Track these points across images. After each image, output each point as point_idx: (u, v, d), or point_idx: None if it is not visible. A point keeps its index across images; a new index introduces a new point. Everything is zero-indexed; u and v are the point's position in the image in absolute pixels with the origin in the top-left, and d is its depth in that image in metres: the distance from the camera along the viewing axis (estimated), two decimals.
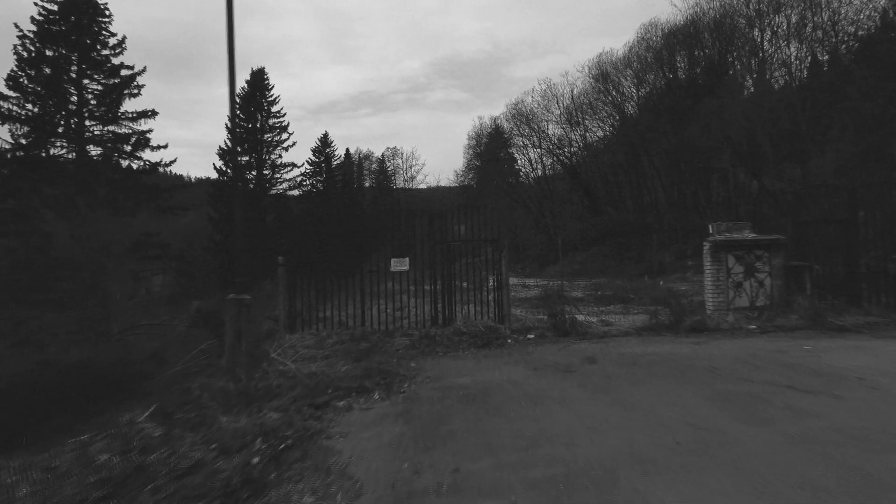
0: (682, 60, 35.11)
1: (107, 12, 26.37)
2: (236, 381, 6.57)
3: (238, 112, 48.86)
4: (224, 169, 47.32)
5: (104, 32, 26.39)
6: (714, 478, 3.51)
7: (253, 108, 49.32)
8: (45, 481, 3.78)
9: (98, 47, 26.24)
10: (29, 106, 25.10)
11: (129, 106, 27.03)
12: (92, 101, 26.24)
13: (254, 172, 48.33)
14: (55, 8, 25.69)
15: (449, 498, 3.43)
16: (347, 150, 79.40)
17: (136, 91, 27.20)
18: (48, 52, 25.67)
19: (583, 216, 50.27)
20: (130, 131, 26.75)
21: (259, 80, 50.00)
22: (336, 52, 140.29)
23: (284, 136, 49.35)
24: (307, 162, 59.99)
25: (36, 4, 25.44)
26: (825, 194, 11.27)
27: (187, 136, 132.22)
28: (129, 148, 25.97)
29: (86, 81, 26.30)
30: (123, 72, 26.56)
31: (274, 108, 49.81)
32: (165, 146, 27.93)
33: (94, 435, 5.29)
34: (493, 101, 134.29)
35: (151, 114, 26.91)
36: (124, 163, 26.34)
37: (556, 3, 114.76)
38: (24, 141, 24.61)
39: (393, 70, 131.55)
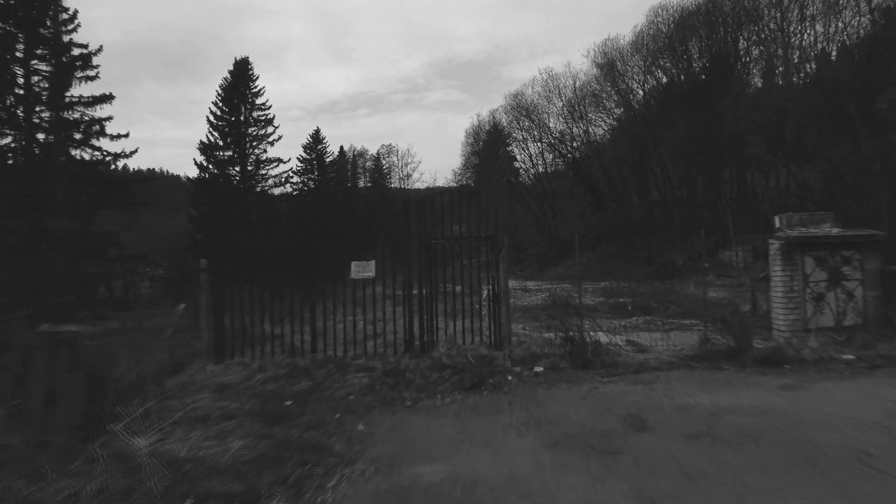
0: (697, 43, 32.31)
1: None
2: (36, 479, 3.78)
3: (220, 104, 46.15)
4: (205, 164, 44.57)
5: (54, 7, 23.50)
6: None
7: (236, 100, 46.34)
8: None
9: (48, 23, 23.35)
10: None
11: (85, 90, 24.11)
12: (41, 84, 23.35)
13: (237, 168, 45.44)
14: None
15: None
16: (341, 147, 76.51)
17: (93, 73, 24.35)
18: None
19: (586, 213, 47.50)
20: (86, 118, 23.86)
21: (243, 70, 47.11)
22: (335, 52, 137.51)
23: (270, 129, 46.41)
24: (297, 159, 57.14)
25: None
26: None
27: (184, 136, 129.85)
28: (79, 136, 23.06)
29: (34, 62, 23.44)
30: (76, 50, 23.68)
31: (259, 101, 46.84)
32: (126, 135, 24.93)
33: None
34: (491, 101, 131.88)
35: (109, 98, 24.03)
36: (75, 152, 23.41)
37: (555, 4, 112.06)
38: None
39: (391, 70, 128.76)
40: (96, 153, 24.39)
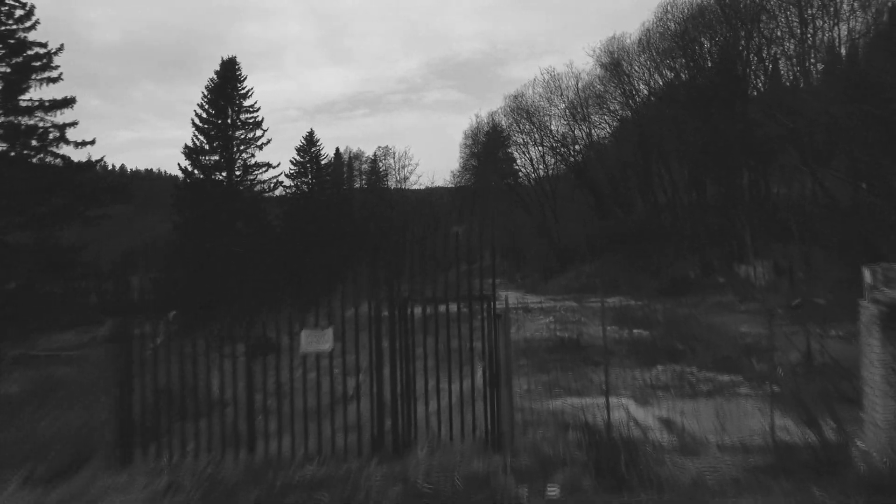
0: (709, 39, 30.25)
1: None
2: None
3: (206, 106, 43.96)
4: (190, 169, 42.45)
5: (9, 2, 21.44)
6: None
7: (223, 102, 44.13)
8: None
9: (2, 18, 21.30)
10: None
11: (45, 93, 21.95)
12: None
13: (223, 173, 43.23)
14: None
15: None
16: (337, 149, 74.40)
17: (54, 75, 22.30)
18: None
19: (589, 218, 45.44)
20: (45, 123, 21.80)
21: (230, 70, 44.91)
22: (332, 52, 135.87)
23: (258, 132, 44.18)
24: (291, 162, 54.75)
25: None
26: None
27: (183, 137, 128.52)
28: (35, 143, 21.00)
29: None
30: (34, 49, 21.63)
31: (246, 102, 44.65)
32: (92, 142, 22.87)
33: None
34: (490, 101, 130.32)
35: (70, 102, 21.98)
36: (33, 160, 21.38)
37: (555, 4, 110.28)
38: None
39: (389, 70, 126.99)
40: (58, 161, 22.38)
